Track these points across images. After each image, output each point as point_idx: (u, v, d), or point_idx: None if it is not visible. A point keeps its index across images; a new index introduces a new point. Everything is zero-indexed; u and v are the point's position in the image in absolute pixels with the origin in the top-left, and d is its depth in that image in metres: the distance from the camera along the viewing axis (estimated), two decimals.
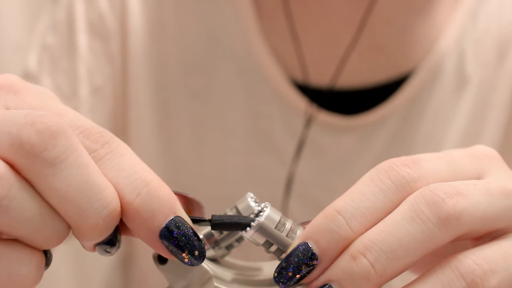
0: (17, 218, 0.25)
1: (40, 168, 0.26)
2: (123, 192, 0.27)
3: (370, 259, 0.27)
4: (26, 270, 0.26)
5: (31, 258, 0.27)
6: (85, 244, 0.28)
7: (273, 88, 0.60)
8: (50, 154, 0.26)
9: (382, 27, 0.59)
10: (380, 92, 0.60)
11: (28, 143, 0.25)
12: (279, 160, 0.61)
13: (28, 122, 0.26)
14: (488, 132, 0.62)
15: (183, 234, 0.28)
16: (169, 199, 0.28)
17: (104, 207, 0.27)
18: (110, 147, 0.28)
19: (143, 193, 0.28)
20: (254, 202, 0.32)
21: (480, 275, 0.27)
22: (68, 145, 0.26)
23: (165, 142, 0.63)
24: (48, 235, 0.27)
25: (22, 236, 0.26)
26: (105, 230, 0.27)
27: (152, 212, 0.28)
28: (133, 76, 0.62)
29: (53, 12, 0.63)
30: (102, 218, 0.27)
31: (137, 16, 0.61)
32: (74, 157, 0.26)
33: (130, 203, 0.27)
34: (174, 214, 0.28)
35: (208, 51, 0.61)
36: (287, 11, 0.59)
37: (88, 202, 0.26)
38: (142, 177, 0.28)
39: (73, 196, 0.26)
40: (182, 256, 0.28)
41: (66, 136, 0.26)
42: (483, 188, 0.29)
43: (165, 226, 0.28)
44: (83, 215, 0.26)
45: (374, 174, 0.29)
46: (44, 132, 0.26)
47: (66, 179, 0.26)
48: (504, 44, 0.61)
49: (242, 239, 0.32)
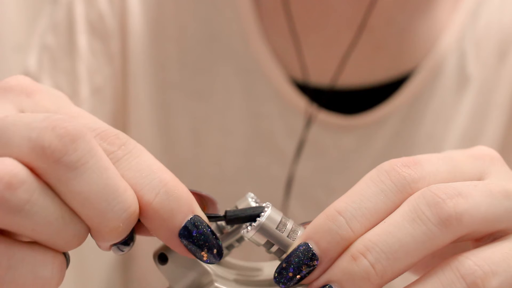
0: (40, 221, 0.26)
1: (61, 172, 0.26)
2: (141, 192, 0.28)
3: (371, 259, 0.27)
4: (50, 272, 0.27)
5: (54, 260, 0.27)
6: (102, 245, 0.28)
7: (273, 88, 0.60)
8: (71, 158, 0.26)
9: (383, 27, 0.59)
10: (380, 91, 0.60)
11: (49, 148, 0.25)
12: (279, 160, 0.61)
13: (48, 126, 0.26)
14: (488, 131, 0.62)
15: (202, 233, 0.28)
16: (187, 198, 0.28)
17: (124, 210, 0.27)
18: (127, 149, 0.28)
19: (161, 192, 0.28)
20: (255, 202, 0.32)
21: (480, 276, 0.27)
22: (88, 148, 0.26)
23: (165, 142, 0.63)
24: (69, 238, 0.27)
25: (44, 240, 0.26)
26: (124, 232, 0.28)
27: (171, 211, 0.28)
28: (133, 76, 0.62)
29: (53, 12, 0.63)
30: (122, 220, 0.27)
31: (137, 16, 0.61)
32: (94, 161, 0.26)
33: (149, 203, 0.28)
34: (192, 213, 0.28)
35: (208, 51, 0.61)
36: (287, 11, 0.59)
37: (109, 205, 0.26)
38: (160, 177, 0.28)
39: (94, 199, 0.26)
40: (201, 255, 0.29)
41: (86, 140, 0.26)
42: (484, 189, 0.29)
43: (184, 225, 0.28)
44: (103, 218, 0.27)
45: (375, 174, 0.29)
46: (65, 137, 0.26)
47: (87, 182, 0.26)
48: (505, 44, 0.61)
49: (242, 239, 0.32)
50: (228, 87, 0.61)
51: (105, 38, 0.61)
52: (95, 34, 0.61)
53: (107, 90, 0.62)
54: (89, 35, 0.61)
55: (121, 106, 0.63)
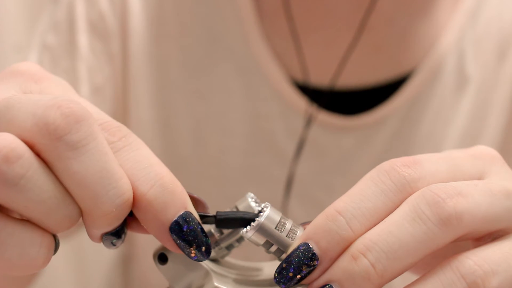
0: (33, 198, 0.26)
1: (61, 150, 0.26)
2: (137, 183, 0.28)
3: (371, 259, 0.27)
4: (37, 252, 0.27)
5: (42, 240, 0.27)
6: (93, 232, 0.29)
7: (273, 88, 0.60)
8: (73, 138, 0.26)
9: (383, 28, 0.59)
10: (380, 92, 0.60)
11: (53, 125, 0.26)
12: (279, 160, 0.61)
13: (54, 104, 0.26)
14: (488, 132, 0.62)
15: (192, 230, 0.29)
16: (181, 193, 0.29)
17: (118, 195, 0.27)
18: (127, 141, 0.29)
19: (157, 185, 0.28)
20: (255, 202, 0.32)
21: (481, 276, 0.27)
22: (91, 131, 0.27)
23: (165, 142, 0.63)
24: (60, 218, 0.27)
25: (35, 217, 0.27)
26: (116, 219, 0.28)
27: (165, 204, 0.28)
28: (134, 76, 0.62)
29: (53, 11, 0.63)
30: (115, 206, 0.27)
31: (138, 16, 0.61)
32: (95, 144, 0.27)
33: (143, 194, 0.28)
34: (185, 208, 0.29)
35: (208, 51, 0.61)
36: (287, 11, 0.59)
37: (104, 189, 0.27)
38: (157, 170, 0.28)
39: (90, 181, 0.26)
40: (190, 251, 0.29)
41: (90, 123, 0.27)
42: (484, 189, 0.29)
43: (175, 220, 0.28)
44: (97, 201, 0.27)
45: (375, 174, 0.29)
46: (70, 116, 0.26)
47: (85, 164, 0.26)
48: (504, 44, 0.61)
49: (242, 239, 0.32)
50: (229, 87, 0.61)
51: (105, 37, 0.61)
52: (95, 33, 0.61)
53: (107, 89, 0.62)
54: (89, 35, 0.61)
55: (121, 106, 0.63)
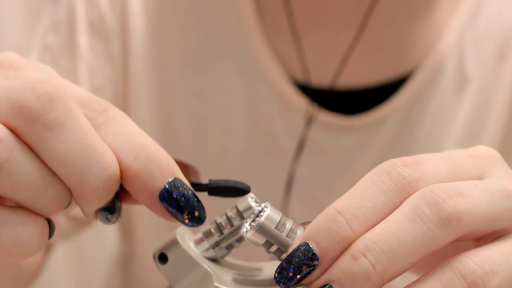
0: (19, 181, 0.26)
1: (40, 131, 0.26)
2: (121, 156, 0.28)
3: (371, 259, 0.27)
4: (31, 236, 0.27)
5: (35, 223, 0.27)
6: (86, 210, 0.29)
7: (274, 88, 0.60)
8: (49, 117, 0.26)
9: (383, 27, 0.59)
10: (380, 92, 0.60)
11: (28, 107, 0.26)
12: (279, 160, 0.61)
13: (27, 87, 0.26)
14: (488, 132, 0.62)
15: (183, 195, 0.28)
16: (168, 162, 0.29)
17: (103, 170, 0.27)
18: (108, 115, 0.29)
19: (141, 156, 0.28)
20: (255, 202, 0.32)
21: (481, 276, 0.27)
22: (67, 109, 0.27)
23: (165, 142, 0.63)
24: (49, 199, 0.27)
25: (24, 201, 0.27)
26: (105, 195, 0.28)
27: (151, 174, 0.28)
28: (134, 76, 0.62)
29: (53, 12, 0.63)
30: (101, 181, 0.27)
31: (138, 16, 0.61)
32: (73, 122, 0.27)
33: (128, 166, 0.28)
34: (173, 176, 0.29)
35: (209, 51, 0.61)
36: (288, 11, 0.59)
37: (87, 165, 0.27)
38: (140, 141, 0.28)
39: (72, 159, 0.26)
40: (183, 217, 0.29)
41: (65, 101, 0.27)
42: (484, 189, 0.29)
43: (164, 187, 0.28)
44: (82, 178, 0.27)
45: (375, 174, 0.29)
46: (43, 97, 0.26)
47: (65, 142, 0.26)
48: (504, 44, 0.61)
49: (242, 239, 0.32)
50: (229, 87, 0.61)
51: (105, 37, 0.61)
52: (95, 33, 0.61)
53: (108, 89, 0.62)
54: (89, 35, 0.61)
55: (121, 106, 0.63)
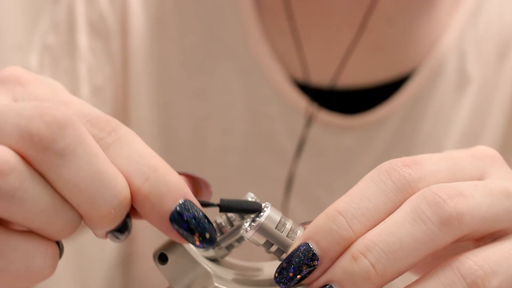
0: (31, 209, 0.26)
1: (50, 159, 0.26)
2: (131, 179, 0.28)
3: (371, 259, 0.27)
4: (42, 262, 0.27)
5: (46, 249, 0.27)
6: (97, 232, 0.28)
7: (274, 88, 0.60)
8: (59, 145, 0.26)
9: (383, 27, 0.59)
10: (381, 91, 0.60)
11: (37, 135, 0.26)
12: (279, 159, 0.61)
13: (36, 114, 0.26)
14: (488, 131, 0.62)
15: (193, 217, 0.28)
16: (178, 183, 0.28)
17: (114, 196, 0.27)
18: (116, 135, 0.28)
19: (151, 178, 0.28)
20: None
21: (481, 276, 0.27)
22: (77, 135, 0.26)
23: (165, 142, 0.63)
24: (61, 226, 0.27)
25: (36, 227, 0.26)
26: (117, 219, 0.28)
27: (161, 196, 0.28)
28: (134, 76, 0.62)
29: (53, 12, 0.63)
30: (113, 207, 0.27)
31: (138, 16, 0.61)
32: (83, 148, 0.26)
33: (138, 188, 0.28)
34: (183, 197, 0.28)
35: (209, 51, 0.61)
36: (288, 11, 0.59)
37: (98, 192, 0.26)
38: (150, 163, 0.28)
39: (83, 186, 0.26)
40: (194, 239, 0.28)
41: (75, 127, 0.26)
42: (485, 189, 0.29)
43: (174, 209, 0.28)
44: (94, 205, 0.27)
45: (375, 174, 0.29)
46: (53, 124, 0.26)
47: (76, 169, 0.26)
48: (505, 44, 0.61)
49: (242, 239, 0.32)
50: (229, 86, 0.61)
51: (105, 37, 0.61)
52: (95, 33, 0.61)
53: (108, 89, 0.62)
54: (89, 35, 0.61)
55: (121, 106, 0.63)
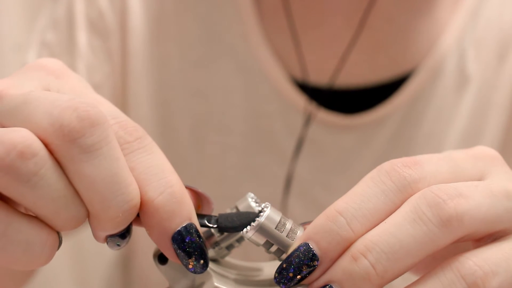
0: (43, 196, 0.26)
1: (74, 153, 0.26)
2: (147, 188, 0.28)
3: (371, 259, 0.27)
4: (41, 249, 0.27)
5: (47, 237, 0.27)
6: (98, 234, 0.29)
7: (273, 87, 0.60)
8: (87, 141, 0.26)
9: (383, 26, 0.59)
10: (380, 91, 0.60)
11: (68, 127, 0.26)
12: (278, 158, 0.61)
13: (71, 106, 0.26)
14: (488, 131, 0.62)
15: (194, 242, 0.29)
16: (188, 205, 0.29)
17: (126, 201, 0.27)
18: (142, 143, 0.29)
19: (166, 193, 0.28)
20: (255, 202, 0.32)
21: (481, 277, 0.27)
22: (105, 135, 0.27)
23: (164, 140, 0.63)
24: (68, 218, 0.27)
25: (43, 215, 0.27)
26: (122, 224, 0.28)
27: (171, 213, 0.28)
28: (133, 74, 0.62)
29: (53, 9, 0.63)
30: (122, 211, 0.27)
31: (137, 14, 0.61)
32: (108, 149, 0.27)
33: (151, 200, 0.28)
34: (189, 220, 0.29)
35: (208, 49, 0.61)
36: (287, 10, 0.59)
37: (112, 194, 0.27)
38: (168, 178, 0.29)
39: (99, 185, 0.27)
40: (188, 262, 0.29)
41: (104, 127, 0.27)
42: (485, 190, 0.29)
43: (179, 230, 0.28)
44: (104, 205, 0.27)
45: (375, 174, 0.29)
46: (85, 119, 0.26)
47: (96, 167, 0.26)
48: (505, 44, 0.61)
49: (242, 239, 0.32)
50: (228, 85, 0.61)
51: (105, 35, 0.61)
52: (94, 31, 0.61)
53: (106, 87, 0.62)
54: (88, 33, 0.61)
55: (120, 104, 0.63)
